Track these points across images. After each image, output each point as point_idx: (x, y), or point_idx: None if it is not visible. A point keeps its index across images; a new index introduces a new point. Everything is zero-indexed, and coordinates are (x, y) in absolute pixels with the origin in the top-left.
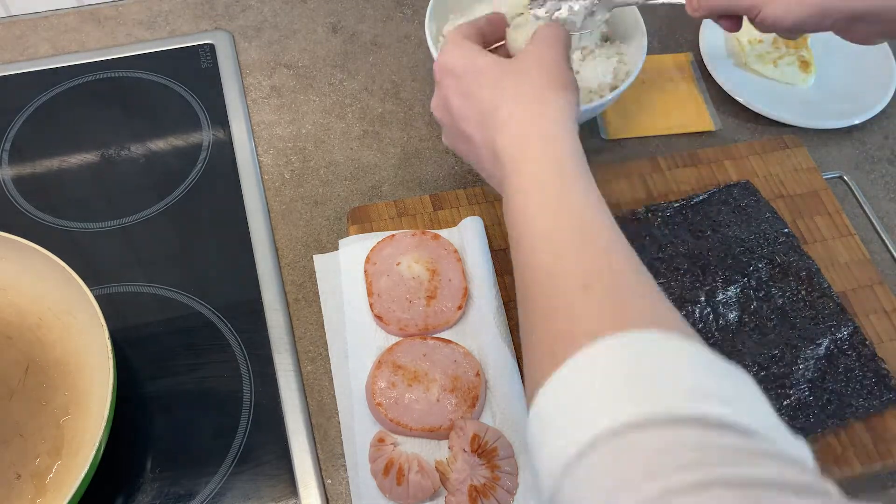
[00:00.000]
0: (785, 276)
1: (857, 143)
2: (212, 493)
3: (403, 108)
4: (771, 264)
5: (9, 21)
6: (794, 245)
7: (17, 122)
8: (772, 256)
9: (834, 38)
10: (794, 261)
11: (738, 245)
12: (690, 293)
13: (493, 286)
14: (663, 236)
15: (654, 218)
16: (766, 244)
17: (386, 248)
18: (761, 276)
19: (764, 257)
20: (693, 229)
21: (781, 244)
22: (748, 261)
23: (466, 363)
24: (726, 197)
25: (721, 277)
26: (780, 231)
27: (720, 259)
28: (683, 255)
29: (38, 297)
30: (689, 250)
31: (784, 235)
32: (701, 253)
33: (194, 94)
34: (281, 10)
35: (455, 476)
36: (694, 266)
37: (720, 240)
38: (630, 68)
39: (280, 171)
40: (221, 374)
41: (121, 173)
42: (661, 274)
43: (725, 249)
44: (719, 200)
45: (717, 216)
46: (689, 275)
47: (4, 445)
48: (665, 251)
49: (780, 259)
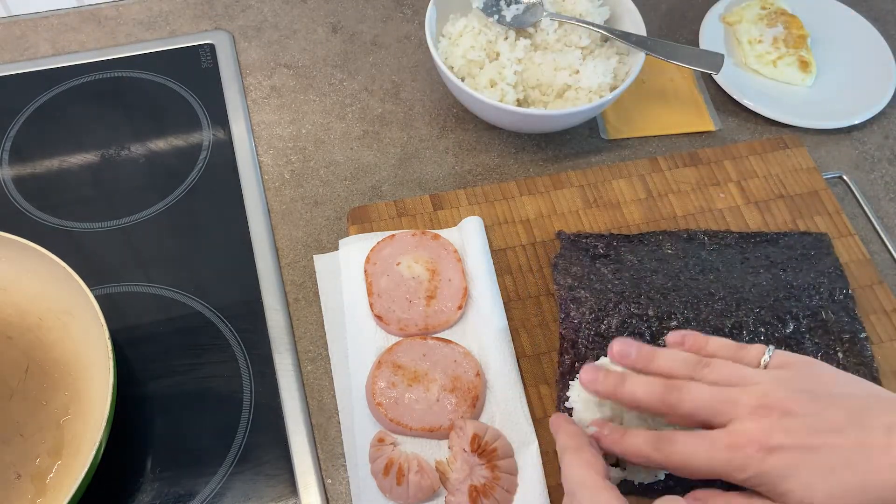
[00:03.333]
0: (826, 334)
1: (857, 143)
2: (212, 493)
3: (403, 108)
4: (814, 317)
5: (9, 21)
6: (847, 307)
7: (17, 122)
8: (818, 310)
9: (834, 38)
10: (841, 321)
11: (784, 290)
12: (716, 320)
13: (493, 286)
14: (711, 261)
15: (710, 243)
16: (818, 297)
17: (386, 248)
18: (800, 326)
19: (809, 308)
20: (746, 263)
21: (836, 302)
22: (790, 307)
23: (466, 363)
24: (795, 243)
25: (754, 315)
26: (840, 289)
27: (761, 297)
28: (723, 284)
29: (38, 297)
30: (732, 282)
31: (841, 294)
32: (743, 287)
33: (194, 94)
34: (281, 10)
35: (455, 476)
36: (730, 296)
37: (769, 280)
38: (630, 68)
39: (280, 171)
40: (221, 374)
41: (121, 173)
42: (693, 294)
43: (771, 290)
44: (786, 244)
45: (777, 258)
46: (722, 303)
47: (4, 445)
48: (706, 276)
49: (825, 315)
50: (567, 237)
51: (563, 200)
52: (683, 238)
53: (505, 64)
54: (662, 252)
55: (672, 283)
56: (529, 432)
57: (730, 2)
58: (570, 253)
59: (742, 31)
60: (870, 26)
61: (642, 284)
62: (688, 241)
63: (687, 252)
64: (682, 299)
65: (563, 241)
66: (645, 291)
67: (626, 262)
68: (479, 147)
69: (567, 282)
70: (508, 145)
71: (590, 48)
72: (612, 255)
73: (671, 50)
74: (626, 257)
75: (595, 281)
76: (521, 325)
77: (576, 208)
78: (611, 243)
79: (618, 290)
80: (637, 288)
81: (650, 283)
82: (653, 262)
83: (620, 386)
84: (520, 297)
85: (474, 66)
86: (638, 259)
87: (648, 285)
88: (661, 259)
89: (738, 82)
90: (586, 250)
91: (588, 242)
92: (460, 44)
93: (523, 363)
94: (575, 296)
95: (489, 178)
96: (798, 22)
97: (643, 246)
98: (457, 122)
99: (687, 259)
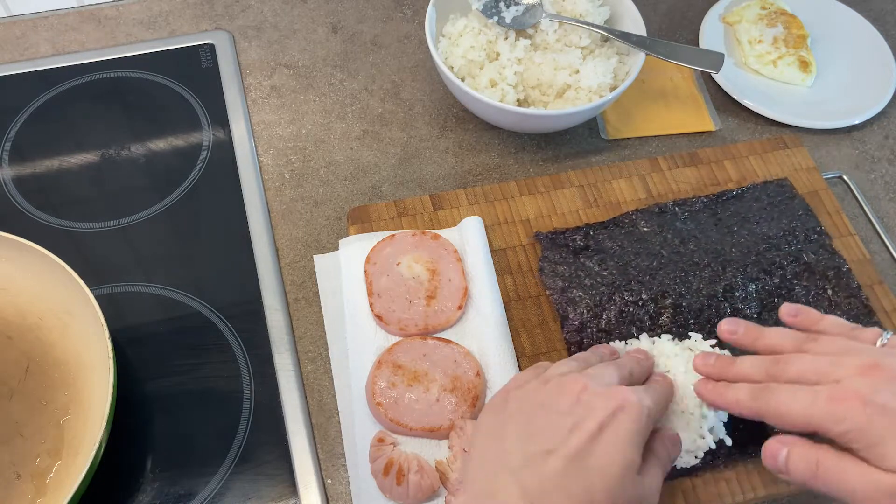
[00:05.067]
0: (812, 275)
1: (857, 143)
2: (212, 493)
3: (403, 108)
4: (797, 262)
5: (9, 21)
6: (824, 244)
7: (17, 122)
8: (799, 254)
9: (834, 38)
10: (822, 259)
11: (764, 242)
12: (708, 288)
13: (493, 286)
14: (687, 231)
15: (681, 212)
16: (795, 242)
17: (386, 247)
18: (786, 273)
19: (791, 255)
20: (720, 225)
21: (812, 242)
22: (773, 258)
23: (466, 363)
24: (760, 194)
25: (742, 274)
26: (812, 229)
27: (743, 255)
28: (705, 250)
29: (38, 297)
30: (712, 246)
31: (815, 233)
32: (724, 248)
33: (194, 94)
34: (281, 10)
35: (455, 476)
36: (715, 261)
37: (746, 236)
38: (630, 68)
39: (280, 171)
40: (221, 374)
41: (121, 173)
42: (680, 268)
43: (751, 246)
44: (752, 197)
45: (748, 213)
46: (709, 269)
47: (4, 445)
48: (687, 245)
49: (807, 257)
50: (545, 237)
51: (563, 200)
52: (655, 213)
53: (505, 64)
54: (639, 231)
55: (657, 261)
56: None
57: (730, 2)
58: (552, 253)
59: (742, 31)
60: (870, 26)
61: (629, 270)
62: (660, 215)
63: (662, 226)
64: (671, 275)
65: (543, 242)
66: (634, 276)
67: (608, 249)
68: (479, 147)
69: (558, 284)
70: (508, 145)
71: (590, 48)
72: (593, 246)
73: (671, 50)
74: (606, 244)
75: (584, 277)
76: (521, 325)
77: (576, 208)
78: (588, 233)
79: (608, 281)
80: (625, 274)
81: (637, 267)
82: (633, 244)
83: (729, 367)
84: (520, 297)
85: (474, 66)
86: (618, 244)
87: (635, 269)
88: (639, 239)
89: (738, 82)
90: (567, 246)
91: (566, 237)
92: (460, 44)
93: (523, 363)
94: (569, 297)
95: (489, 178)
96: (798, 22)
97: (619, 228)
98: (457, 122)
99: (664, 233)
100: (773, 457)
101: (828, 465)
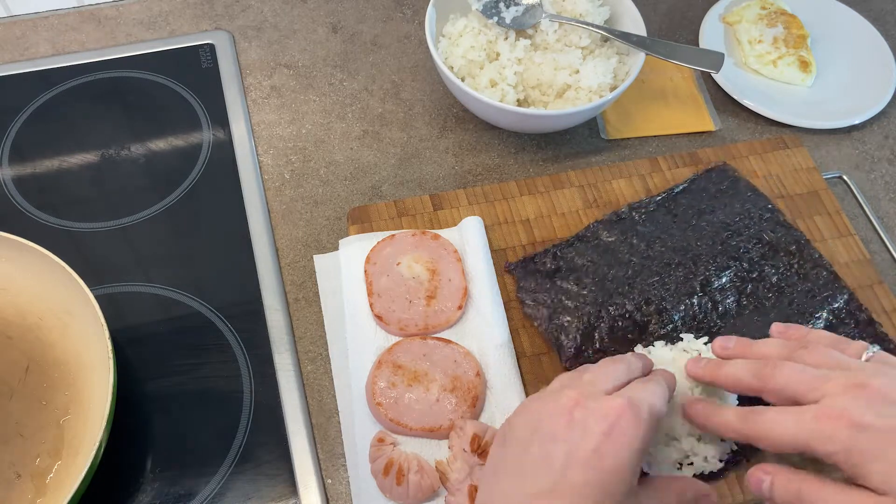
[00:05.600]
0: (776, 253)
1: (857, 143)
2: (212, 493)
3: (403, 108)
4: (760, 243)
5: (9, 21)
6: (779, 220)
7: (17, 122)
8: (759, 235)
9: (834, 38)
10: (781, 236)
11: (724, 230)
12: (686, 286)
13: (493, 286)
14: (650, 233)
15: (638, 216)
16: (752, 223)
17: (386, 247)
18: (752, 256)
19: (752, 237)
20: (678, 221)
21: (767, 221)
22: (737, 244)
23: (466, 363)
24: (705, 183)
25: (714, 265)
26: (764, 207)
27: (709, 247)
28: (673, 248)
29: (38, 297)
30: (678, 243)
31: (768, 211)
32: (689, 244)
33: (194, 94)
34: (281, 10)
35: (455, 476)
36: (685, 258)
37: (706, 227)
38: (630, 68)
39: (280, 171)
40: (221, 374)
41: (121, 173)
42: (654, 272)
43: (713, 236)
44: (699, 188)
45: (700, 203)
46: (682, 268)
47: (4, 445)
48: (654, 248)
49: (767, 237)
50: (516, 266)
51: (563, 200)
52: (614, 221)
53: (505, 64)
54: (604, 242)
55: (630, 269)
56: None
57: (730, 2)
58: (527, 282)
59: (742, 30)
60: (870, 26)
61: (607, 283)
62: (619, 222)
63: (625, 232)
64: (648, 280)
65: (517, 272)
66: (613, 289)
67: (580, 266)
68: (479, 147)
69: (543, 313)
70: (508, 145)
71: (590, 48)
72: (564, 266)
73: (671, 50)
74: (577, 262)
75: (566, 300)
76: (521, 325)
77: (576, 208)
78: (555, 254)
79: (590, 299)
80: (605, 289)
81: (613, 279)
82: (603, 256)
83: (719, 369)
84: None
85: (474, 66)
86: (588, 260)
87: (612, 281)
88: (606, 250)
89: (738, 82)
90: (539, 271)
91: (536, 262)
92: (460, 44)
93: (523, 363)
94: (557, 324)
95: (489, 178)
96: (798, 22)
97: (584, 244)
98: (457, 122)
99: (629, 240)
100: (756, 485)
101: (810, 492)
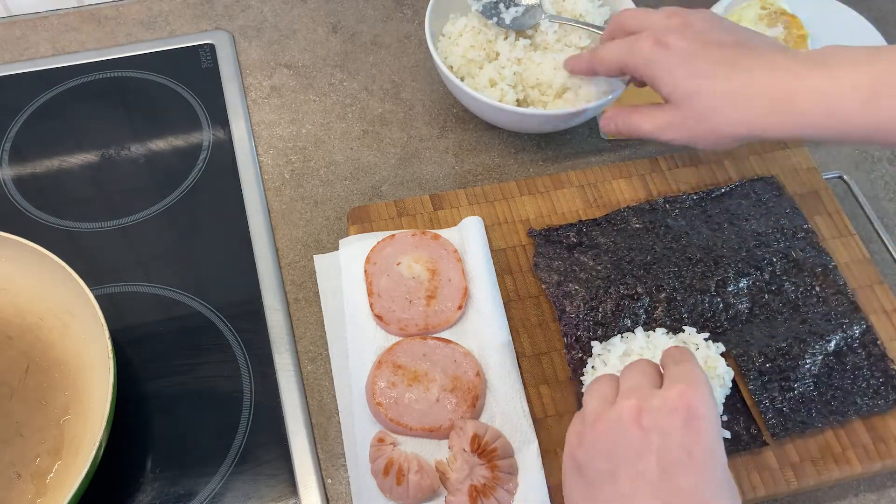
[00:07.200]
0: (800, 272)
1: None
2: (212, 493)
3: (403, 108)
4: (786, 259)
5: (9, 21)
6: (812, 241)
7: (17, 122)
8: (787, 251)
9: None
10: (810, 257)
11: (753, 239)
12: (701, 282)
13: (493, 286)
14: (679, 227)
15: (671, 209)
16: (784, 239)
17: (386, 247)
18: (775, 269)
19: (780, 252)
20: (710, 221)
21: (799, 240)
22: (763, 254)
23: (466, 363)
24: (748, 191)
25: (733, 269)
26: (800, 227)
27: (734, 251)
28: (697, 246)
29: (38, 297)
30: (704, 242)
31: (803, 231)
32: (715, 245)
33: (194, 94)
34: (281, 10)
35: (455, 476)
36: (707, 257)
37: (736, 233)
38: None
39: (280, 171)
40: (221, 374)
41: (121, 173)
42: (672, 263)
43: (741, 242)
44: (740, 194)
45: (737, 209)
46: (702, 265)
47: (4, 445)
48: (679, 241)
49: (795, 254)
50: (539, 234)
51: (563, 200)
52: (646, 210)
53: (504, 64)
54: (631, 228)
55: (650, 256)
56: (529, 432)
57: (730, 2)
58: (547, 249)
59: None
60: (870, 26)
61: (623, 264)
62: (651, 212)
63: (654, 223)
64: (665, 270)
65: (537, 239)
66: (629, 271)
67: (602, 245)
68: (479, 147)
69: (553, 278)
70: (508, 145)
71: (590, 48)
72: (586, 242)
73: None
74: (600, 240)
75: (579, 271)
76: (521, 325)
77: (576, 208)
78: (581, 230)
79: (603, 275)
80: (620, 269)
81: (631, 262)
82: (626, 240)
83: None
84: (520, 297)
85: (474, 65)
86: (612, 240)
87: (630, 264)
88: (632, 235)
89: None
90: (560, 242)
91: (560, 234)
92: (460, 43)
93: (523, 363)
94: (565, 291)
95: (489, 178)
96: (798, 22)
97: (611, 226)
98: (457, 122)
99: (656, 230)
100: (606, 125)
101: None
